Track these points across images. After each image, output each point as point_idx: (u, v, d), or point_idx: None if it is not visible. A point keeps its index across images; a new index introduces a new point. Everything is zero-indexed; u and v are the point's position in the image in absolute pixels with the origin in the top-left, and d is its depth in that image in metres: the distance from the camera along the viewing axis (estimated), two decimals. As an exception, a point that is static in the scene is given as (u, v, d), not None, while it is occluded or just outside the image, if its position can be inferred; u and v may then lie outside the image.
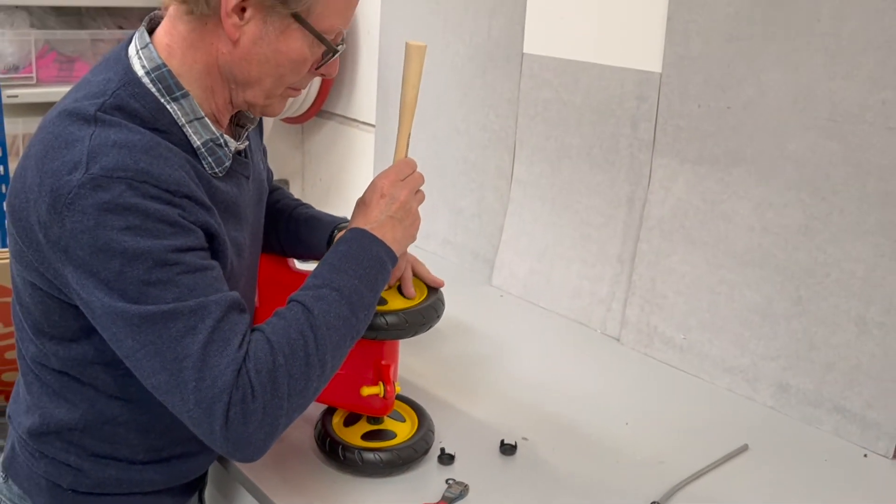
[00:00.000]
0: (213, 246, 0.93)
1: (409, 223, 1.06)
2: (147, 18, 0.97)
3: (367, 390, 1.09)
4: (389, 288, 1.13)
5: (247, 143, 1.04)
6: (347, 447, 1.10)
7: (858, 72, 1.22)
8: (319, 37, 0.93)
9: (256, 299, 1.21)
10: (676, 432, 1.27)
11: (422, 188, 1.09)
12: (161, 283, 0.84)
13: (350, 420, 1.17)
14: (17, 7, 2.19)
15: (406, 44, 1.05)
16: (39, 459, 1.00)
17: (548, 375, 1.42)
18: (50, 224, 0.84)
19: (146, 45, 0.93)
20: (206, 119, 0.95)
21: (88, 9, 2.37)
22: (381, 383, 1.09)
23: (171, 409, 0.86)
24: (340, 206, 2.36)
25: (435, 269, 1.85)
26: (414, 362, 1.43)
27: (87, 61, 2.31)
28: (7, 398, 1.37)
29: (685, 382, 1.43)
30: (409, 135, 1.09)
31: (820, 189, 1.29)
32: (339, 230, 1.23)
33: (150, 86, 0.92)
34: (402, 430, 1.16)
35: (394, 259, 1.01)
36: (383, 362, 1.10)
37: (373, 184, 1.07)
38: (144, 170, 0.85)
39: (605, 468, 1.16)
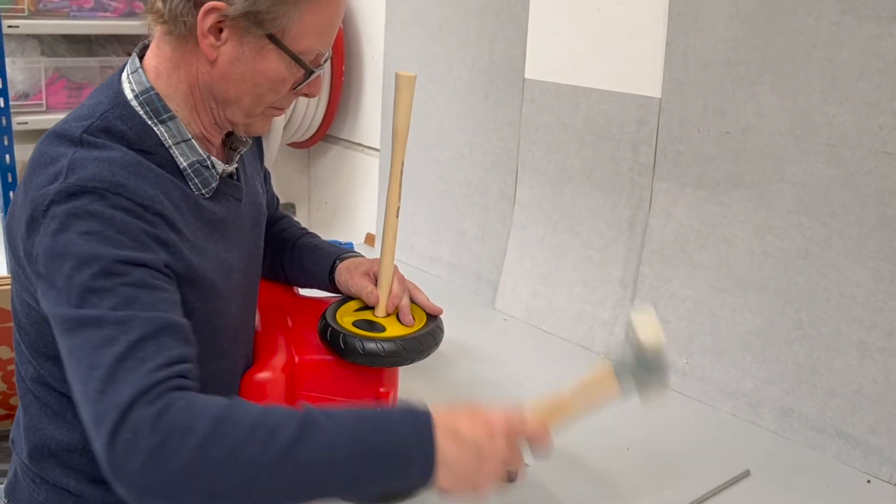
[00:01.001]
0: (184, 269, 0.91)
1: (476, 477, 0.85)
2: (140, 45, 1.00)
3: None
4: (388, 315, 1.13)
5: (236, 166, 1.05)
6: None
7: (855, 97, 1.22)
8: (296, 58, 0.94)
9: (258, 323, 1.22)
10: (678, 458, 1.26)
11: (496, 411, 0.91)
12: (102, 291, 0.81)
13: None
14: (28, 35, 2.23)
15: (396, 74, 1.07)
16: (40, 485, 1.01)
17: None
18: (27, 236, 0.87)
19: (136, 70, 0.96)
20: (194, 141, 0.96)
21: (98, 37, 2.40)
22: None
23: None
24: (346, 229, 2.37)
25: (439, 292, 1.85)
26: (415, 386, 1.43)
27: (95, 88, 2.34)
28: (12, 422, 1.38)
29: (687, 407, 1.43)
30: (402, 162, 1.10)
31: (819, 213, 1.29)
32: (341, 261, 1.23)
33: (138, 108, 0.94)
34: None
35: (426, 480, 0.82)
36: (382, 389, 1.10)
37: (487, 413, 0.90)
38: (120, 182, 0.87)
39: (605, 495, 1.16)
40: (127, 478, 0.75)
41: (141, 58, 0.98)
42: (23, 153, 2.21)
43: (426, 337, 1.09)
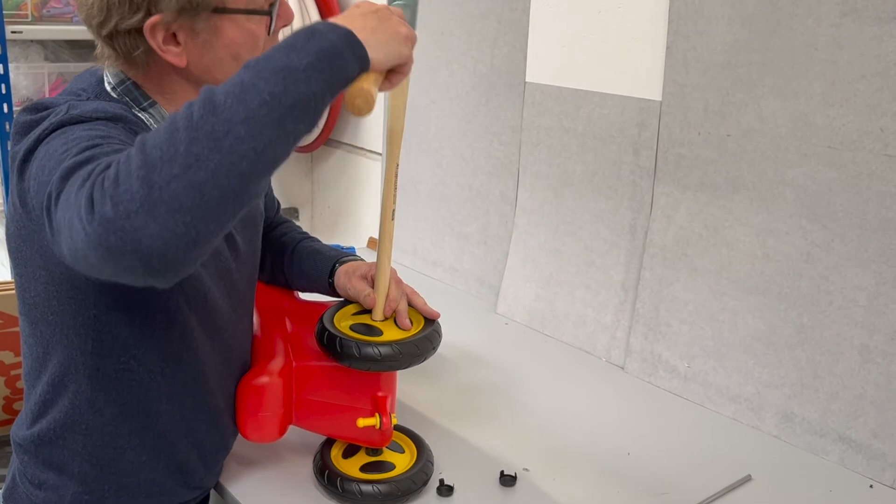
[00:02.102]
0: None
1: (389, 29, 0.83)
2: None
3: (363, 422, 1.09)
4: (386, 319, 1.13)
5: None
6: (346, 479, 1.09)
7: (857, 99, 1.22)
8: (249, 11, 0.94)
9: (257, 327, 1.22)
10: (679, 462, 1.26)
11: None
12: (72, 148, 0.79)
13: (349, 451, 1.17)
14: (31, 41, 2.24)
15: None
16: (38, 488, 1.01)
17: (551, 404, 1.42)
18: (20, 175, 0.85)
19: (112, 65, 0.96)
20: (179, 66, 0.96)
21: (101, 42, 2.41)
22: (377, 415, 1.09)
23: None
24: (349, 233, 2.37)
25: (441, 296, 1.86)
26: (415, 390, 1.43)
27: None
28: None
29: (689, 411, 1.42)
30: (398, 165, 1.10)
31: (820, 216, 1.28)
32: (341, 264, 1.23)
33: (118, 99, 0.95)
34: (401, 462, 1.15)
35: (358, 49, 0.78)
36: (380, 394, 1.10)
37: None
38: (122, 115, 0.87)
39: (606, 499, 1.15)
40: (121, 226, 0.67)
41: None
42: (26, 158, 2.21)
43: (423, 341, 1.08)
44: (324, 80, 0.74)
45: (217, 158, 0.68)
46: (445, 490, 1.14)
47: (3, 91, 2.09)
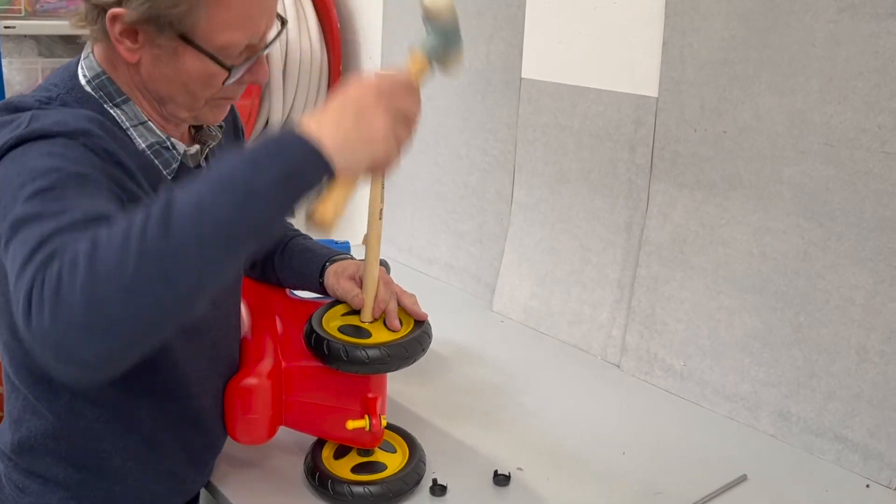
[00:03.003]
0: None
1: (366, 129, 0.78)
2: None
3: (352, 424, 1.07)
4: (374, 321, 1.11)
5: (204, 157, 1.03)
6: (337, 480, 1.09)
7: (854, 96, 1.21)
8: (213, 57, 0.90)
9: (248, 327, 1.21)
10: (674, 461, 1.25)
11: (415, 127, 0.83)
12: (50, 192, 0.76)
13: (340, 452, 1.16)
14: (24, 36, 2.23)
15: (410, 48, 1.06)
16: (24, 491, 1.00)
17: (546, 403, 1.41)
18: None
19: (87, 55, 0.95)
20: (151, 122, 0.95)
21: (95, 37, 2.40)
22: (367, 417, 1.08)
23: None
24: (343, 230, 2.35)
25: (436, 293, 1.84)
26: (409, 389, 1.42)
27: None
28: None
29: (685, 410, 1.41)
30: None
31: (817, 214, 1.27)
32: (331, 263, 1.21)
33: (92, 93, 0.93)
34: (393, 462, 1.14)
35: (324, 166, 0.73)
36: (370, 395, 1.09)
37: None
38: (86, 130, 0.85)
39: (600, 499, 1.15)
40: (49, 331, 0.67)
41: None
42: (20, 154, 2.20)
43: (412, 343, 1.06)
44: (284, 200, 0.72)
45: (161, 288, 0.67)
46: (439, 490, 1.13)
47: (-4, 87, 2.07)
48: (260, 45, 0.95)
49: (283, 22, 0.98)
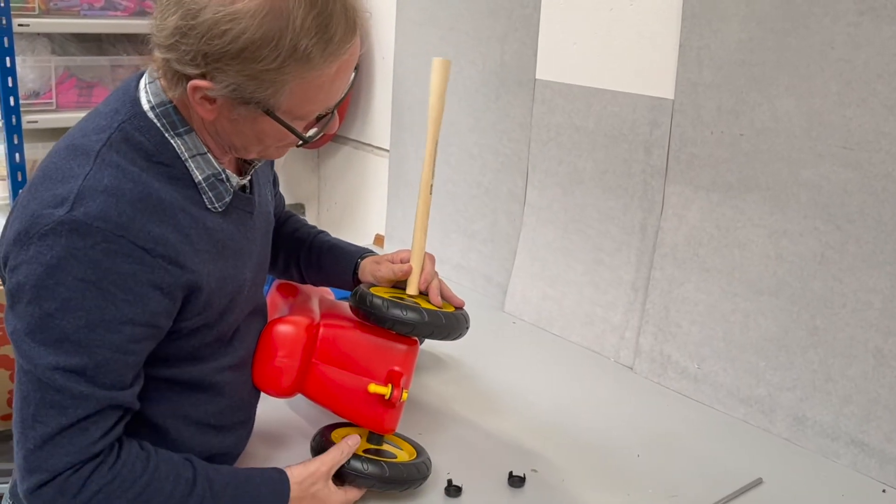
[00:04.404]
0: (183, 293, 0.92)
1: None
2: None
3: (374, 387, 1.08)
4: (420, 294, 1.16)
5: (249, 177, 1.04)
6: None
7: (873, 99, 1.20)
8: (289, 128, 0.91)
9: (292, 304, 1.24)
10: (689, 464, 1.24)
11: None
12: (76, 345, 0.85)
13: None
14: (38, 34, 2.23)
15: (433, 60, 1.17)
16: None
17: (559, 405, 1.40)
18: (14, 245, 0.86)
19: (154, 80, 0.94)
20: (209, 154, 0.95)
21: (108, 35, 2.40)
22: (389, 385, 1.08)
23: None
24: (355, 229, 2.36)
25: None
26: (422, 390, 1.42)
27: (105, 86, 2.34)
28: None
29: (699, 413, 1.41)
30: (437, 142, 1.18)
31: (835, 217, 1.27)
32: (363, 259, 1.25)
33: (154, 120, 0.92)
34: (401, 456, 1.15)
35: None
36: (396, 368, 1.10)
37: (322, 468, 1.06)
38: (125, 224, 0.85)
39: (615, 501, 1.14)
40: None
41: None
42: (32, 152, 2.20)
43: (451, 317, 1.11)
44: None
45: None
46: (454, 491, 1.12)
47: (10, 84, 2.08)
48: (335, 104, 0.96)
49: (356, 68, 0.98)
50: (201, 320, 0.97)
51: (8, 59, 2.05)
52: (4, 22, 2.02)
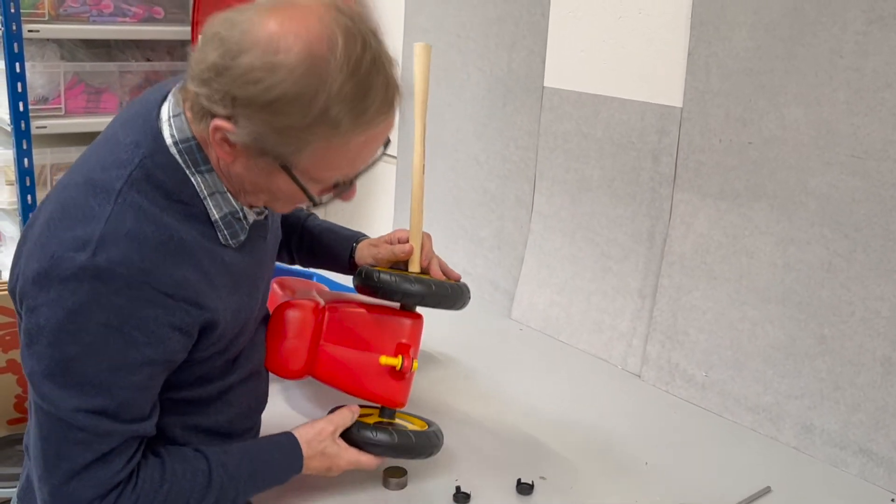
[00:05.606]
0: (200, 329, 0.93)
1: (331, 466, 1.09)
2: (182, 80, 0.92)
3: (385, 359, 1.11)
4: (421, 273, 1.19)
5: (265, 214, 1.03)
6: (363, 426, 1.12)
7: (882, 108, 1.20)
8: (304, 189, 0.90)
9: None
10: (697, 472, 1.24)
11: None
12: (98, 388, 0.86)
13: (361, 415, 1.18)
14: (48, 40, 2.24)
15: (414, 45, 1.20)
16: None
17: (567, 412, 1.40)
18: (34, 285, 0.85)
19: (179, 114, 0.90)
20: (229, 194, 0.93)
21: (117, 42, 2.42)
22: (400, 356, 1.11)
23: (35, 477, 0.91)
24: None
25: (454, 301, 1.83)
26: (429, 396, 1.42)
27: (114, 93, 2.35)
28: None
29: (707, 421, 1.41)
30: (425, 125, 1.23)
31: (843, 226, 1.27)
32: (358, 242, 1.27)
33: (176, 156, 0.90)
34: (413, 427, 1.19)
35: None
36: (404, 340, 1.13)
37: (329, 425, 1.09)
38: (148, 270, 0.85)
39: (623, 510, 1.14)
40: None
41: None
42: (41, 157, 2.21)
43: (456, 287, 1.16)
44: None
45: None
46: (462, 497, 1.13)
47: (20, 90, 2.09)
48: (355, 175, 0.94)
49: (386, 143, 0.96)
50: (214, 349, 0.98)
51: (17, 64, 2.06)
52: (14, 27, 2.04)
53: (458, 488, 1.14)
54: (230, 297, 0.96)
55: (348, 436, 1.10)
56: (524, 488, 1.16)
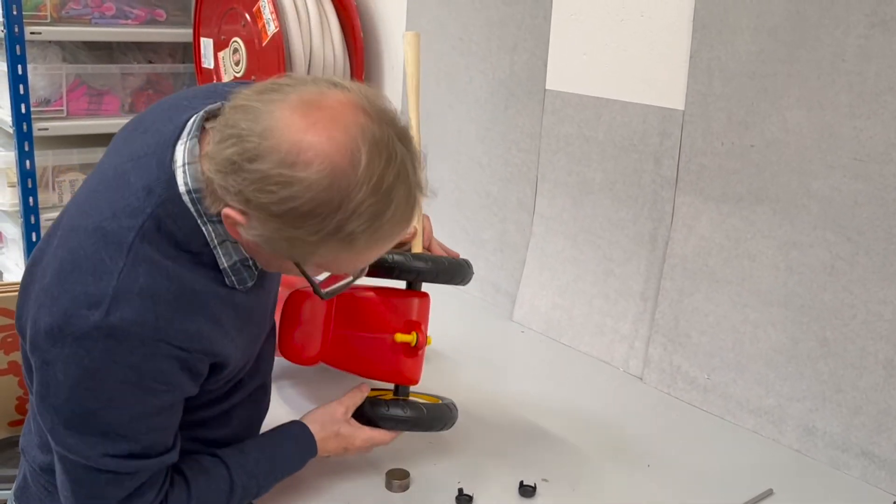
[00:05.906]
0: (215, 369, 0.95)
1: (347, 446, 1.12)
2: (197, 121, 0.89)
3: (400, 336, 1.14)
4: (426, 250, 1.22)
5: None
6: (377, 402, 1.14)
7: (884, 111, 1.21)
8: (311, 281, 0.91)
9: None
10: (699, 475, 1.24)
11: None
12: (122, 435, 0.87)
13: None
14: (49, 42, 2.25)
15: (403, 34, 1.21)
16: (53, 492, 1.00)
17: (569, 414, 1.40)
18: (47, 339, 0.85)
19: (194, 162, 0.87)
20: (239, 244, 0.92)
21: (119, 44, 2.42)
22: (413, 332, 1.14)
23: None
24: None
25: (456, 302, 1.84)
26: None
27: (116, 95, 2.35)
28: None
29: (709, 423, 1.41)
30: (419, 112, 1.24)
31: (845, 229, 1.27)
32: None
33: (189, 205, 0.87)
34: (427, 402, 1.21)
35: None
36: (413, 317, 1.16)
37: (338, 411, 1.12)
38: (163, 328, 0.85)
39: (625, 512, 1.14)
40: None
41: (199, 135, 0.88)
42: (42, 159, 2.22)
43: (456, 264, 1.18)
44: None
45: None
46: (465, 499, 1.13)
47: (22, 91, 2.09)
48: (362, 266, 0.94)
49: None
50: (223, 381, 0.99)
51: (19, 66, 2.07)
52: (17, 30, 2.04)
53: (460, 490, 1.14)
54: (241, 337, 0.97)
55: (361, 413, 1.12)
56: (527, 490, 1.16)
